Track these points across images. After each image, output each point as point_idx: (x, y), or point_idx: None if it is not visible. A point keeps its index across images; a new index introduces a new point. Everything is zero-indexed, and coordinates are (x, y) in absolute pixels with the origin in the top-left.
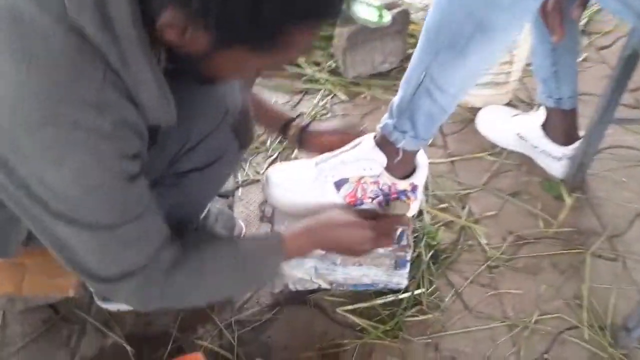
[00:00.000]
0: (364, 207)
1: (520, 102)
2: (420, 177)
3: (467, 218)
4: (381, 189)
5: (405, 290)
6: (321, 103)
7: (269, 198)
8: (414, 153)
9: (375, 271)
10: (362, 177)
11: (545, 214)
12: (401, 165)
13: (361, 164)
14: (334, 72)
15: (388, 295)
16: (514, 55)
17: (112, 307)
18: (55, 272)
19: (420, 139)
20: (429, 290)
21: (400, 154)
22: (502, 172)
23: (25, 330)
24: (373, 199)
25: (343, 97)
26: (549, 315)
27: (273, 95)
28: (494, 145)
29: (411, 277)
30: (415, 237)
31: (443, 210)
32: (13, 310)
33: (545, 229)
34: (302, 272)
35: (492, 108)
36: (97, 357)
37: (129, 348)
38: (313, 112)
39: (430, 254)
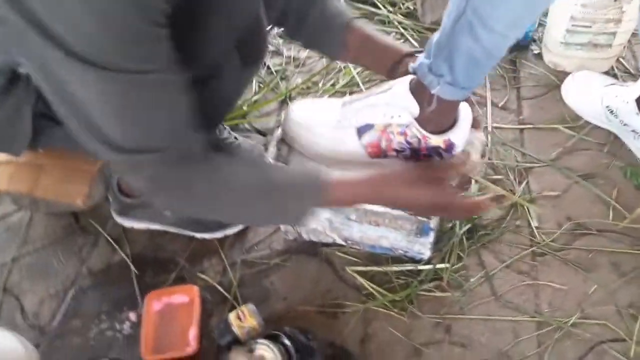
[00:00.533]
0: (387, 160)
1: (624, 73)
2: (458, 135)
3: (522, 195)
4: (408, 142)
5: (428, 262)
6: None
7: (286, 136)
8: (453, 105)
9: (394, 235)
10: (388, 125)
11: (618, 205)
12: (435, 116)
13: (390, 109)
14: (410, 15)
15: (406, 264)
16: (623, 11)
17: (127, 223)
18: (69, 178)
19: (459, 87)
20: (455, 266)
21: (434, 102)
22: (578, 150)
23: (46, 232)
24: (399, 152)
25: (415, 44)
26: (593, 321)
27: None
28: (576, 118)
29: (437, 248)
30: None
31: (496, 182)
32: (38, 212)
33: (614, 222)
34: (316, 223)
35: (584, 73)
36: (103, 270)
37: (133, 268)
38: None
39: (467, 227)
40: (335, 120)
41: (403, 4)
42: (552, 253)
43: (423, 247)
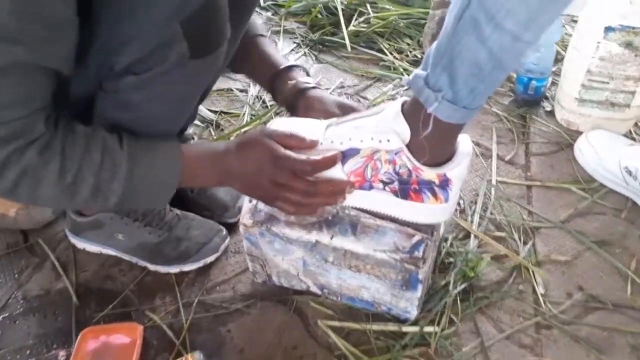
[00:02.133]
0: (373, 192)
1: None
2: (456, 170)
3: (526, 257)
4: (397, 173)
5: (414, 323)
6: (391, 92)
7: None
8: (452, 131)
9: (376, 285)
10: (376, 151)
11: (638, 279)
12: (430, 144)
13: (379, 132)
14: (417, 63)
15: (389, 322)
16: None
17: (80, 244)
18: None
19: (460, 106)
20: (445, 331)
21: (430, 124)
22: (592, 214)
23: None
24: (385, 183)
25: None
26: None
27: (341, 76)
28: (589, 179)
29: (427, 308)
30: (447, 262)
31: (498, 239)
32: None
33: (633, 297)
34: (288, 263)
35: (599, 132)
36: (39, 297)
37: (74, 298)
38: (379, 100)
39: (462, 286)
40: (318, 142)
41: (410, 51)
42: (560, 327)
43: (410, 305)
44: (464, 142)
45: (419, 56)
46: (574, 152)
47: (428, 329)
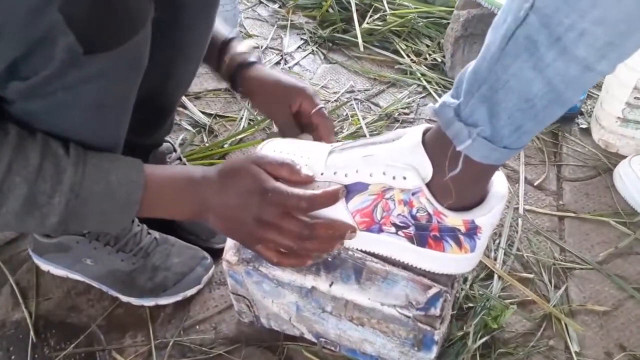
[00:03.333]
0: (383, 236)
1: None
2: (487, 216)
3: (558, 304)
4: (414, 217)
5: None
6: (406, 100)
7: None
8: (485, 171)
9: (382, 341)
10: (388, 189)
11: None
12: (458, 184)
13: (392, 167)
14: (435, 67)
15: None
16: None
17: (44, 265)
18: None
19: (500, 145)
20: None
21: (460, 164)
22: (634, 253)
23: None
24: (399, 227)
25: (438, 99)
26: None
27: (351, 79)
28: (631, 212)
29: None
30: (466, 310)
31: (525, 282)
32: None
33: None
34: (279, 306)
35: None
36: None
37: (32, 333)
38: (392, 108)
39: (483, 340)
40: (317, 172)
41: (430, 54)
42: None
43: None
44: (499, 182)
45: (439, 60)
46: (613, 178)
47: None
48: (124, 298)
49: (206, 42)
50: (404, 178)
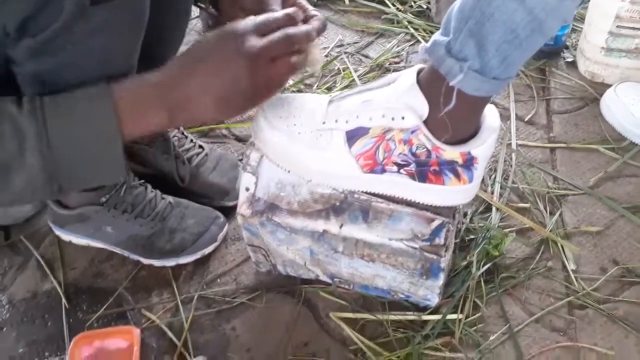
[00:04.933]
0: (386, 176)
1: None
2: (482, 147)
3: (554, 229)
4: (414, 154)
5: (435, 310)
6: (395, 49)
7: (257, 140)
8: (478, 104)
9: (393, 274)
10: (388, 130)
11: None
12: (453, 120)
13: (391, 108)
14: (422, 14)
15: (408, 312)
16: None
17: (65, 236)
18: None
19: (489, 77)
20: (470, 318)
21: (453, 99)
22: (623, 176)
23: None
24: (400, 166)
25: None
26: None
27: (339, 33)
28: (619, 138)
29: (448, 293)
30: (468, 242)
31: (522, 211)
32: None
33: None
34: (294, 252)
35: (629, 85)
36: (26, 301)
37: (63, 299)
38: (382, 58)
39: (486, 267)
40: (319, 121)
41: (415, 1)
42: (594, 306)
43: (430, 292)
44: (491, 115)
45: (425, 6)
46: (600, 107)
47: (451, 316)
48: (146, 261)
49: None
50: (403, 118)
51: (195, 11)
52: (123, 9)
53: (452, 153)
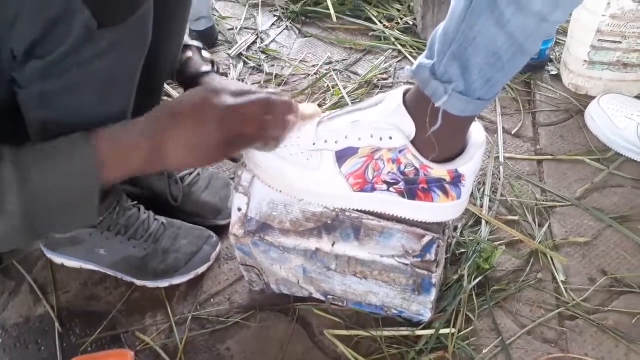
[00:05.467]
0: (376, 194)
1: None
2: (469, 164)
3: (543, 241)
4: (402, 172)
5: (428, 325)
6: (383, 65)
7: (248, 162)
8: (463, 123)
9: (385, 290)
10: (376, 150)
11: None
12: (439, 139)
13: (379, 129)
14: (408, 31)
15: (401, 327)
16: None
17: (57, 259)
18: None
19: (473, 98)
20: (463, 332)
21: (439, 120)
22: (609, 187)
23: None
24: (390, 184)
25: (414, 61)
26: None
27: (328, 51)
28: (604, 149)
29: (440, 308)
30: (459, 255)
31: (511, 224)
32: None
33: None
34: (287, 271)
35: (612, 97)
36: (19, 326)
37: (56, 324)
38: (371, 75)
39: (477, 281)
40: (309, 142)
41: (401, 18)
42: (584, 316)
43: (423, 307)
44: (477, 132)
45: (411, 23)
46: (585, 119)
47: (444, 331)
48: (139, 282)
49: (188, 14)
50: (390, 138)
51: None
52: (128, 31)
53: (439, 171)
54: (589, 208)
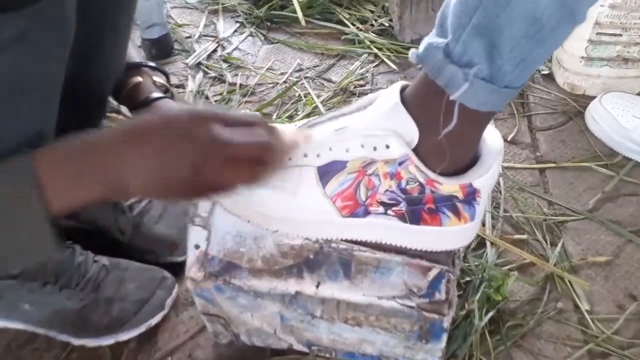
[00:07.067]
0: (370, 219)
1: None
2: (485, 177)
3: (558, 262)
4: (404, 190)
5: None
6: (359, 71)
7: None
8: (482, 121)
9: (384, 338)
10: (369, 163)
11: None
12: (451, 144)
13: (370, 136)
14: (384, 33)
15: None
16: None
17: None
18: None
19: (501, 85)
20: None
21: (455, 117)
22: (622, 195)
23: None
24: (388, 206)
25: (392, 65)
26: None
27: (297, 57)
28: (610, 153)
29: (450, 352)
30: (464, 285)
31: (519, 244)
32: None
33: None
34: (260, 320)
35: (614, 95)
36: None
37: None
38: (346, 81)
39: (489, 315)
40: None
41: (376, 20)
42: (619, 353)
43: (430, 356)
44: (492, 136)
45: (387, 24)
46: (585, 121)
47: None
48: (77, 341)
49: (133, 13)
50: (387, 147)
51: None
52: (38, 16)
53: (450, 186)
54: (604, 221)
